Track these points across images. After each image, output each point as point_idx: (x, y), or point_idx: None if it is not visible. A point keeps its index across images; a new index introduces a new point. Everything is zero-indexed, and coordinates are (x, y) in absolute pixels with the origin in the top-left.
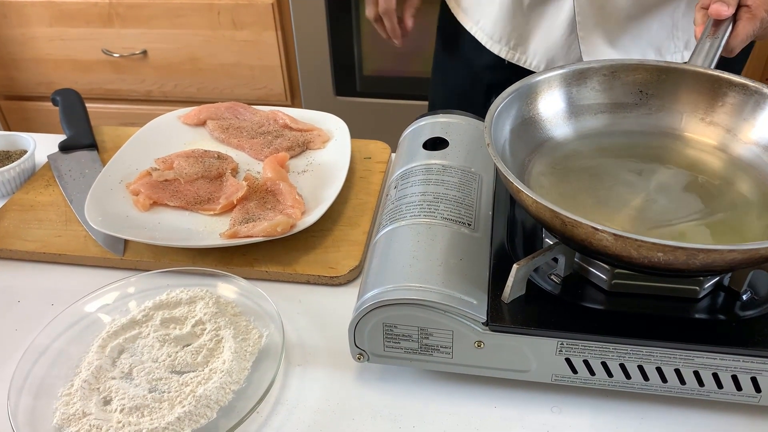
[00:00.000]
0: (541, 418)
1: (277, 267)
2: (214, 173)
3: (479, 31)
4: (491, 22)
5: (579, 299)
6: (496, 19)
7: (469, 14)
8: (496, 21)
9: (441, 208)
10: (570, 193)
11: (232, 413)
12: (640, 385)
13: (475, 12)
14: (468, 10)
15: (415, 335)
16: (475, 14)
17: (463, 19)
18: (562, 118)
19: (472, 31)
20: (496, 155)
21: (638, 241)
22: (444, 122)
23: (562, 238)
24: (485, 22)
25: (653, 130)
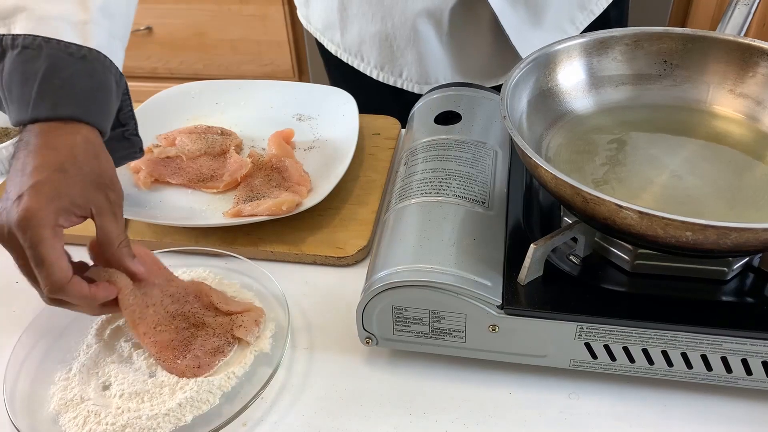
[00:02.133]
0: (558, 404)
1: (282, 247)
2: (218, 150)
3: (406, 81)
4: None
5: (599, 281)
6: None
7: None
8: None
9: (453, 185)
10: (589, 169)
11: (235, 399)
12: (663, 371)
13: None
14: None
15: (426, 318)
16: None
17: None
18: (582, 90)
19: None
20: (512, 128)
21: (665, 219)
22: (456, 95)
23: (582, 216)
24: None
25: (678, 102)
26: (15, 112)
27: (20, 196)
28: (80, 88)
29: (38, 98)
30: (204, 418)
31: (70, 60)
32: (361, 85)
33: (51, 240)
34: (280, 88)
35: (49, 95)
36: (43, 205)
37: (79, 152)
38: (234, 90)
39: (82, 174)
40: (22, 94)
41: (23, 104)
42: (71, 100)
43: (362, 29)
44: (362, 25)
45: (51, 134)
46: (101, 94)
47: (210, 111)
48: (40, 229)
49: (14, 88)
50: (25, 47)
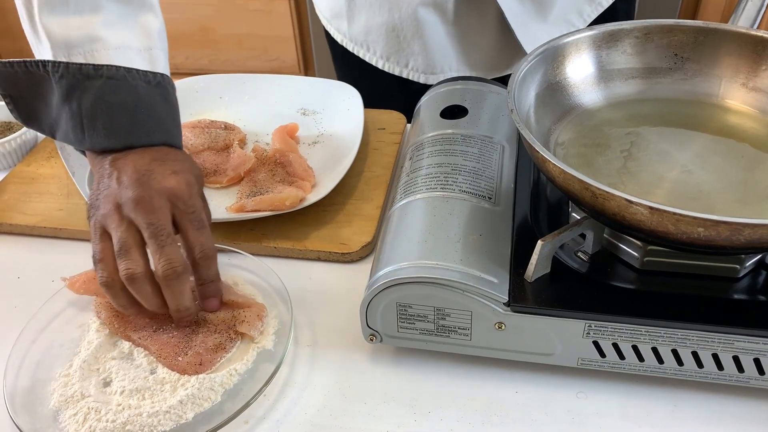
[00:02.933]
0: (565, 404)
1: (286, 243)
2: (221, 144)
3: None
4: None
5: (608, 278)
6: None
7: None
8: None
9: (459, 180)
10: (599, 164)
11: (237, 396)
12: (673, 370)
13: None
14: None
15: (431, 316)
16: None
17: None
18: (591, 83)
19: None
20: (520, 122)
21: (677, 215)
22: (463, 89)
23: (591, 212)
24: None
25: (689, 96)
26: (100, 140)
27: (175, 172)
28: (162, 114)
29: (131, 128)
30: (205, 415)
31: (149, 88)
32: (367, 76)
33: (203, 210)
34: (285, 83)
35: (141, 124)
36: (196, 185)
37: (197, 167)
38: (238, 84)
39: (201, 183)
40: (110, 124)
41: (113, 133)
42: (159, 126)
43: (369, 19)
44: (369, 15)
45: (171, 151)
46: (176, 115)
47: (214, 105)
48: (200, 199)
49: (100, 117)
50: (109, 78)
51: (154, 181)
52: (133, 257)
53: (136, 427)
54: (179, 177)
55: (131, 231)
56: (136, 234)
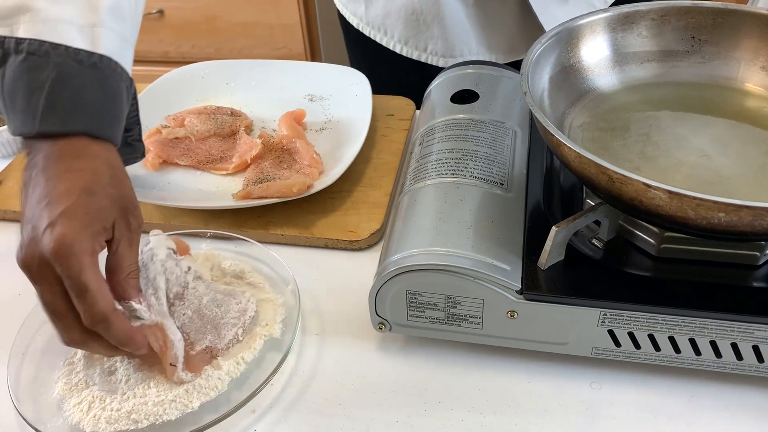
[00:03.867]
0: (579, 394)
1: (293, 230)
2: (227, 131)
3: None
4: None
5: (624, 265)
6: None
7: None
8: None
9: (470, 165)
10: (614, 148)
11: (244, 385)
12: (690, 360)
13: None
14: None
15: (442, 304)
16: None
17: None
18: (606, 66)
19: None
20: (533, 104)
21: (697, 200)
22: (474, 74)
23: (607, 197)
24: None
25: (707, 80)
26: (18, 123)
27: (52, 224)
28: (91, 100)
29: (47, 111)
30: (212, 404)
31: (80, 68)
32: (383, 61)
33: (92, 267)
34: (292, 68)
35: (59, 108)
36: (80, 231)
37: (104, 175)
38: (244, 70)
39: (108, 197)
40: (27, 105)
41: (28, 116)
42: (82, 113)
43: (388, 2)
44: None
45: (71, 158)
46: (112, 105)
47: (220, 91)
48: (81, 256)
49: (18, 98)
50: (30, 53)
51: (34, 242)
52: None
53: (141, 416)
54: (54, 232)
55: (49, 288)
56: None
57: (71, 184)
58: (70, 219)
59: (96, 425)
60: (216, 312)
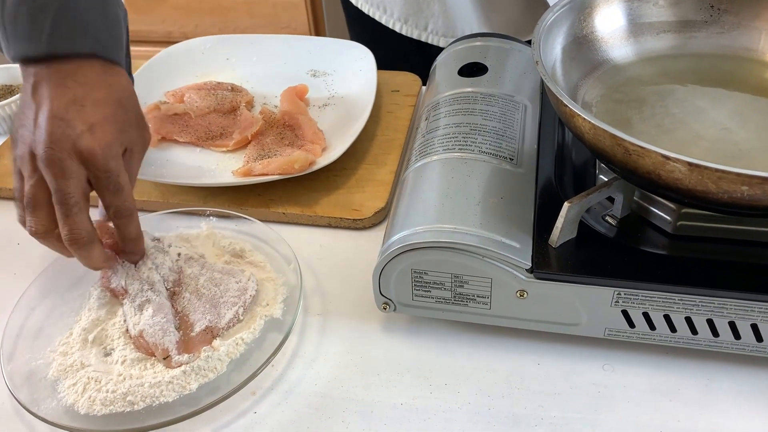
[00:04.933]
0: (590, 376)
1: (295, 208)
2: (228, 106)
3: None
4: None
5: (638, 243)
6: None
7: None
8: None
9: (479, 140)
10: (630, 121)
11: (244, 366)
12: (707, 341)
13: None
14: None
15: (448, 283)
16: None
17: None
18: (620, 37)
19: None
20: (546, 74)
21: (719, 172)
22: (482, 46)
23: (622, 171)
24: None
25: (726, 51)
26: (21, 46)
27: (92, 127)
28: (96, 22)
29: (54, 32)
30: (210, 386)
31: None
32: (383, 40)
33: (123, 167)
34: (294, 43)
35: (66, 29)
36: (116, 138)
37: (129, 92)
38: (245, 45)
39: (134, 112)
40: (32, 28)
41: (34, 38)
42: (89, 34)
43: None
44: None
45: (96, 72)
46: (114, 28)
47: (220, 67)
48: (119, 159)
49: (22, 20)
50: None
51: (67, 140)
52: (39, 215)
53: (138, 398)
54: (95, 134)
55: (40, 186)
56: (45, 190)
57: (107, 93)
58: (109, 125)
59: (91, 407)
60: (215, 291)
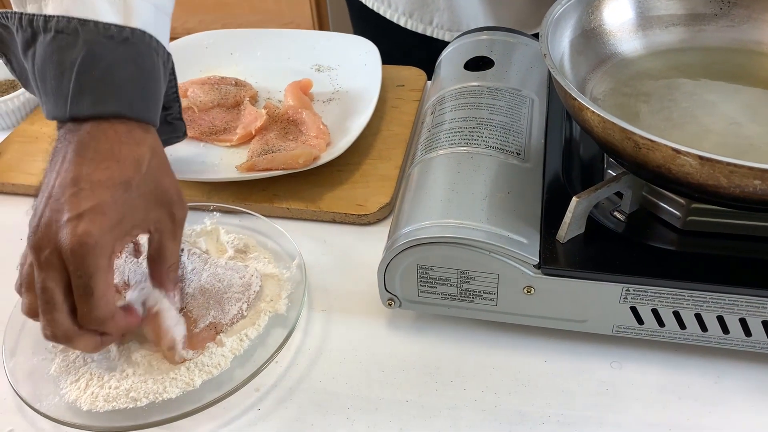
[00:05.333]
0: (598, 374)
1: (299, 204)
2: (231, 101)
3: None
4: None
5: (647, 239)
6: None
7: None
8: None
9: (485, 134)
10: (639, 115)
11: (247, 363)
12: (718, 338)
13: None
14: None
15: (454, 279)
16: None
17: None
18: (629, 30)
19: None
20: (554, 67)
21: (731, 166)
22: (488, 40)
23: (632, 165)
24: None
25: (736, 45)
26: (51, 106)
27: (79, 216)
28: (124, 79)
29: (77, 93)
30: (214, 382)
31: (111, 45)
32: (387, 34)
33: (105, 271)
34: (298, 38)
35: (88, 90)
36: (106, 232)
37: (145, 166)
38: (249, 39)
39: (147, 191)
40: (58, 87)
41: (60, 98)
42: (114, 93)
43: None
44: None
45: (113, 142)
46: (148, 83)
47: (224, 61)
48: (98, 258)
49: (49, 79)
50: (59, 32)
51: (53, 227)
52: (28, 298)
53: (141, 394)
54: (79, 226)
55: (31, 271)
56: (33, 276)
57: (110, 174)
58: (100, 215)
59: (93, 403)
60: (218, 287)
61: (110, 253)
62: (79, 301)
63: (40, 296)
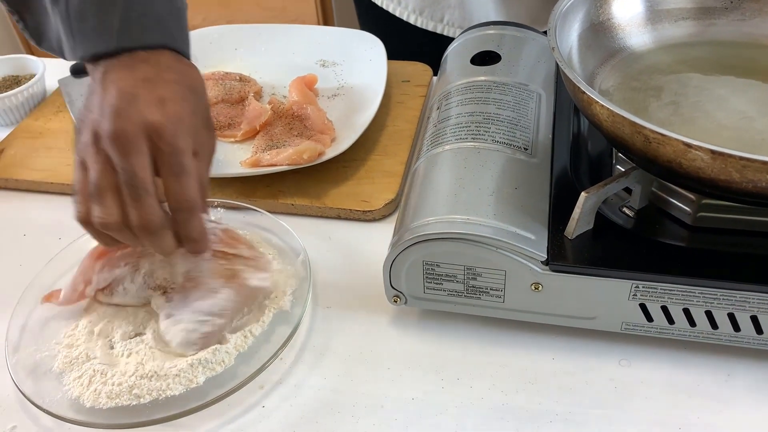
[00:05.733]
0: (607, 372)
1: (304, 200)
2: (236, 97)
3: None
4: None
5: (657, 235)
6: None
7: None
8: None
9: (492, 129)
10: (647, 110)
11: (252, 360)
12: (728, 336)
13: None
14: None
15: (461, 275)
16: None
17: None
18: (638, 24)
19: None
20: (562, 60)
21: (744, 160)
22: (495, 34)
23: (641, 160)
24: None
25: (747, 39)
26: (90, 44)
27: (162, 100)
28: (162, 13)
29: (124, 26)
30: (218, 379)
31: None
32: (396, 32)
33: (191, 153)
34: (303, 33)
35: (136, 22)
36: (189, 115)
37: (201, 83)
38: (254, 35)
39: (203, 107)
40: (101, 23)
41: (105, 33)
42: (158, 26)
43: None
44: None
45: (168, 60)
46: (180, 18)
47: (228, 57)
48: (187, 138)
49: (89, 17)
50: None
51: (135, 112)
52: (106, 203)
53: (144, 391)
54: (166, 107)
55: (107, 170)
56: (112, 174)
57: (179, 76)
58: (182, 101)
59: (96, 400)
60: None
61: (192, 136)
62: (175, 181)
63: (129, 185)
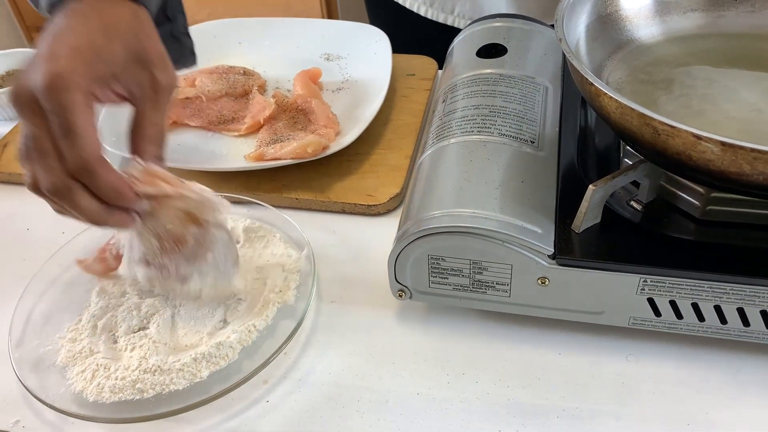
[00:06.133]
0: (614, 367)
1: (308, 194)
2: (240, 90)
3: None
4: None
5: (665, 228)
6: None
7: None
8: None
9: (498, 123)
10: (656, 103)
11: (256, 354)
12: (737, 331)
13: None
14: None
15: (467, 270)
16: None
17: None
18: (646, 16)
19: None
20: (570, 51)
21: (755, 152)
22: (502, 27)
23: (650, 153)
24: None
25: (757, 30)
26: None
27: (53, 55)
28: None
29: None
30: (222, 374)
31: None
32: (405, 24)
33: (83, 107)
34: (307, 27)
35: None
36: (80, 68)
37: (126, 22)
38: (258, 29)
39: (126, 44)
40: None
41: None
42: None
43: None
44: None
45: (95, 3)
46: None
47: (232, 51)
48: (72, 93)
49: None
50: None
51: (24, 75)
52: (24, 167)
53: (147, 386)
54: (50, 64)
55: (25, 135)
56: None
57: (87, 23)
58: (74, 53)
59: (100, 394)
60: None
61: (86, 91)
62: (62, 144)
63: (31, 147)
